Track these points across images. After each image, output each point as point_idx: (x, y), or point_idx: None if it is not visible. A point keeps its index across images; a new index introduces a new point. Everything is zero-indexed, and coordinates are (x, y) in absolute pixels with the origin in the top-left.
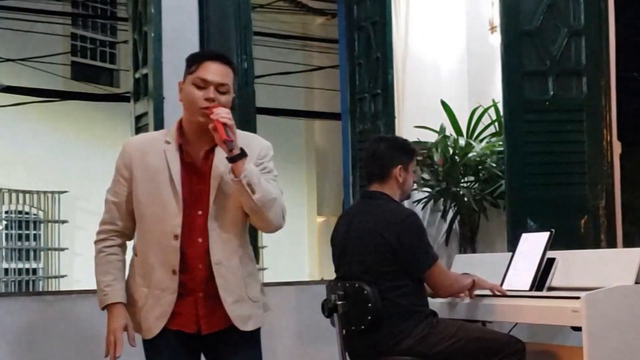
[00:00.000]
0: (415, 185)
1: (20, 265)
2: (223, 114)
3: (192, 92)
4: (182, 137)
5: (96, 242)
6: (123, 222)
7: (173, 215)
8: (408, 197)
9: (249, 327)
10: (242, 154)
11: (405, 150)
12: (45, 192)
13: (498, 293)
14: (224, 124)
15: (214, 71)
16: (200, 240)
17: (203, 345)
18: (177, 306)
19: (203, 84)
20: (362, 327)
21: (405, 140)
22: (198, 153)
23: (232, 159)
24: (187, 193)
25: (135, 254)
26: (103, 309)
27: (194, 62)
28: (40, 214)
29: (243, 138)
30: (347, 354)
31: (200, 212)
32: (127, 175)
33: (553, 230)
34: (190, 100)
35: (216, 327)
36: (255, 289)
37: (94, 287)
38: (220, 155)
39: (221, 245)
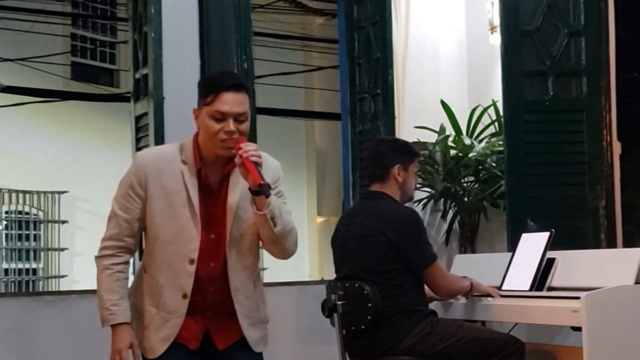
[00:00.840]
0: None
1: (20, 266)
2: (252, 152)
3: (211, 126)
4: (200, 159)
5: (102, 257)
6: (130, 239)
7: (190, 239)
8: (410, 199)
9: (260, 348)
10: (268, 191)
11: (405, 151)
12: (45, 192)
13: (494, 296)
14: (255, 163)
15: (230, 102)
16: (212, 264)
17: (210, 356)
18: (183, 321)
19: (221, 116)
20: (362, 326)
21: (407, 142)
22: (215, 176)
23: (257, 193)
24: (202, 216)
25: (145, 271)
26: (104, 325)
27: (208, 92)
28: (40, 214)
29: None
30: (347, 353)
31: (213, 236)
32: (142, 193)
33: (553, 230)
34: (209, 134)
35: (230, 340)
36: (265, 310)
37: (93, 287)
38: (236, 180)
39: (238, 271)
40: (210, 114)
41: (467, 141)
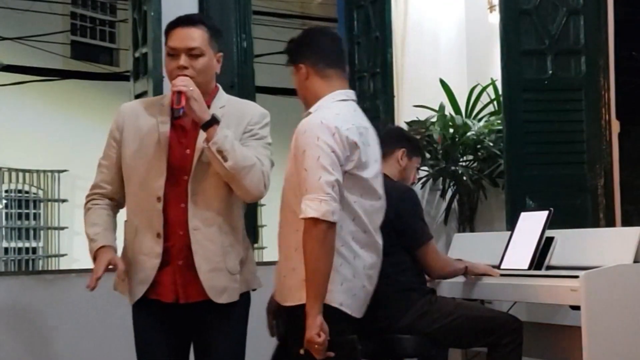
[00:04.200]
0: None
1: (20, 244)
2: (179, 82)
3: (168, 64)
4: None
5: (85, 204)
6: (112, 186)
7: (157, 177)
8: None
9: (222, 299)
10: (212, 121)
11: (414, 143)
12: (45, 171)
13: (493, 275)
14: (179, 92)
15: (179, 37)
16: (182, 205)
17: (183, 318)
18: (158, 275)
19: (174, 52)
20: None
21: (417, 137)
22: (190, 118)
23: (204, 126)
24: (174, 156)
25: (126, 220)
26: (94, 258)
27: (166, 32)
28: (40, 193)
29: (238, 104)
30: None
31: (186, 177)
32: (118, 137)
33: (552, 209)
34: (168, 72)
35: (193, 297)
36: (234, 261)
37: (93, 266)
38: None
39: (200, 211)
40: (167, 51)
41: (461, 121)
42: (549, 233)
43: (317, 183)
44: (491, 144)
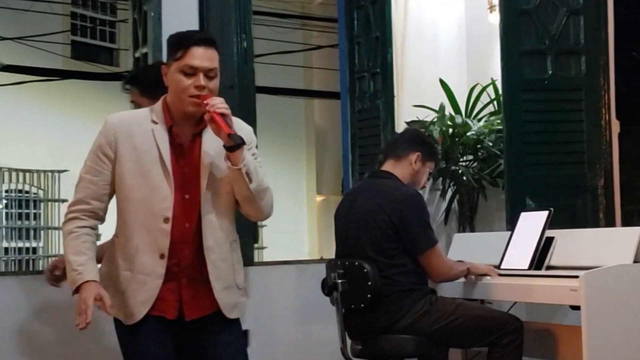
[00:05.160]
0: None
1: (20, 244)
2: (219, 104)
3: (181, 81)
4: (170, 118)
5: (66, 222)
6: (97, 202)
7: (163, 197)
8: None
9: (234, 314)
10: (242, 143)
11: (430, 149)
12: (45, 171)
13: (492, 275)
14: (222, 114)
15: (201, 57)
16: (187, 225)
17: (184, 332)
18: (159, 291)
19: (192, 71)
20: (362, 305)
21: (435, 145)
22: (186, 135)
23: (231, 148)
24: (174, 176)
25: (117, 236)
26: (75, 291)
27: (179, 47)
28: (41, 192)
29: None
30: (346, 332)
31: (187, 196)
32: (112, 154)
33: (552, 209)
34: (179, 89)
35: (199, 313)
36: (241, 276)
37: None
38: (209, 139)
39: (213, 230)
40: (180, 68)
41: (461, 121)
42: (549, 233)
43: None
44: (491, 144)
